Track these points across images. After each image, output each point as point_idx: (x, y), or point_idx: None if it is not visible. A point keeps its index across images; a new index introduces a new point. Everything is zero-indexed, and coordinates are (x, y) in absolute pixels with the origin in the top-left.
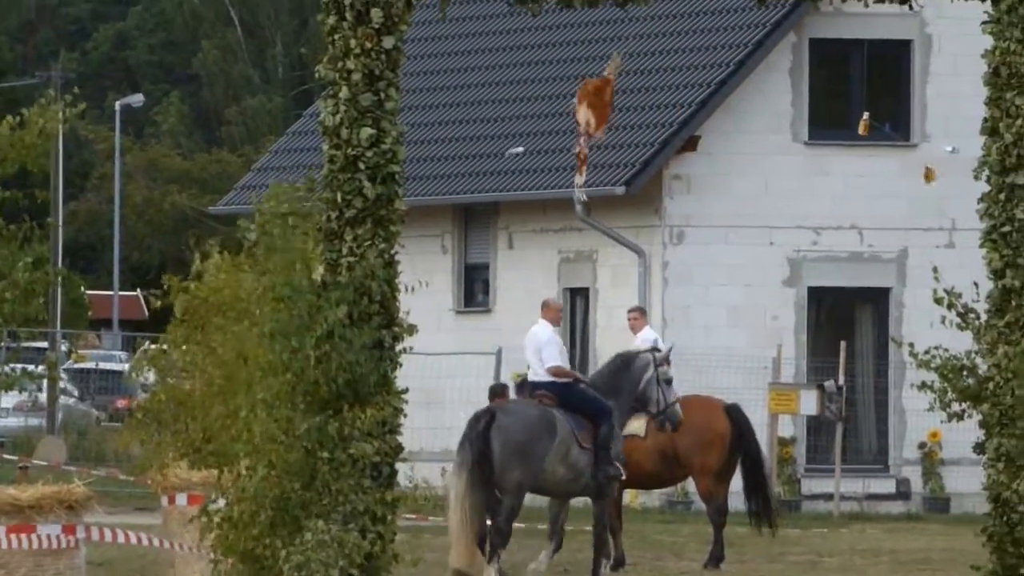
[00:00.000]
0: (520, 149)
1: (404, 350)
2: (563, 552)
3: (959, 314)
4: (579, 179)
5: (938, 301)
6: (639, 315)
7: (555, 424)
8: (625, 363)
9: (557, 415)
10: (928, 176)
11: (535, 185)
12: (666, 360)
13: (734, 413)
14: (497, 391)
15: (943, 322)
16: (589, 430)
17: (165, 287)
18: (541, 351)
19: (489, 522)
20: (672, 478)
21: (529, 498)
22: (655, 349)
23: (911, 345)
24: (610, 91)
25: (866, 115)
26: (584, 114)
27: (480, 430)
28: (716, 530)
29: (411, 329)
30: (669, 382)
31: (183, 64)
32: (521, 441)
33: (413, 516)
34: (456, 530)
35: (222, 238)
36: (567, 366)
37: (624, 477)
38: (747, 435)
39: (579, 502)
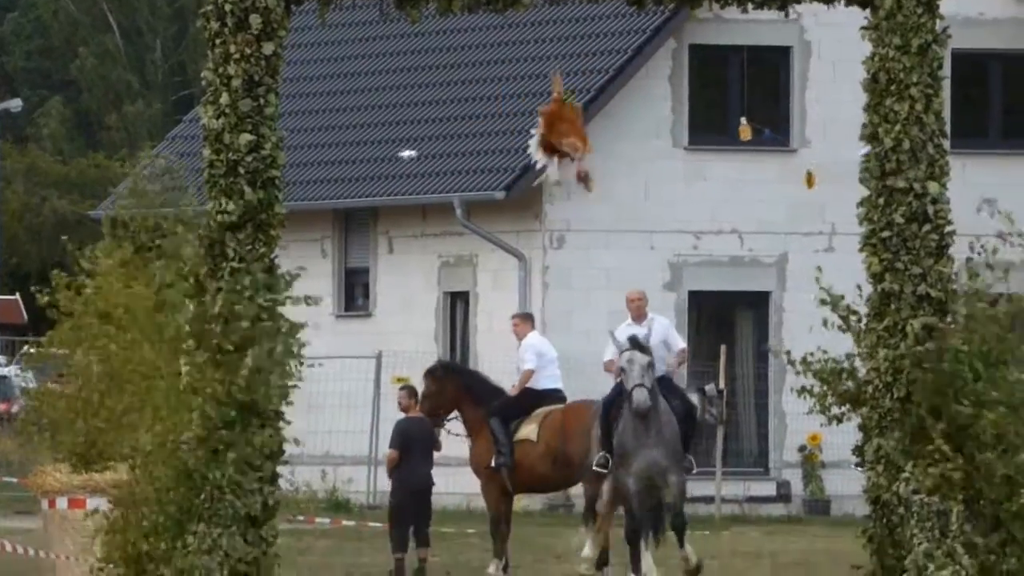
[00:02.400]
0: (412, 153)
1: (300, 363)
2: (445, 554)
3: (841, 316)
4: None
5: (822, 302)
6: (521, 321)
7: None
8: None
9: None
10: (809, 181)
11: (415, 190)
12: (636, 344)
13: None
14: (436, 370)
15: (825, 324)
16: None
17: (53, 284)
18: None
19: None
20: (564, 481)
21: None
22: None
23: (787, 353)
24: (570, 108)
25: (743, 120)
26: (568, 142)
27: None
28: None
29: (298, 337)
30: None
31: (61, 70)
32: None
33: (303, 518)
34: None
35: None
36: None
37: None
38: None
39: (452, 503)
